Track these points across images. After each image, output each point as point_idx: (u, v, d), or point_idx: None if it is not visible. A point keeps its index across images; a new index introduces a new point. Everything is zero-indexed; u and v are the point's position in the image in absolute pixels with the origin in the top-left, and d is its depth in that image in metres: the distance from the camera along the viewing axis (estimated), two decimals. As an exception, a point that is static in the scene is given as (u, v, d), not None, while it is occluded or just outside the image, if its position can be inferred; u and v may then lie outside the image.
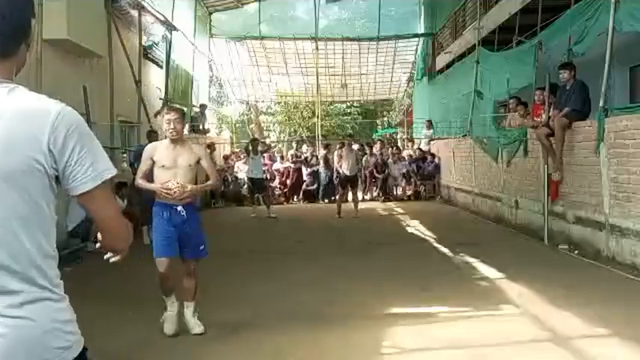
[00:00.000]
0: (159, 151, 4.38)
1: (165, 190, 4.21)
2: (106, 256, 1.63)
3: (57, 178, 1.39)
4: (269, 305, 5.22)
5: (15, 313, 1.32)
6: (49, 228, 1.40)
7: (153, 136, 10.28)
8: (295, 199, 15.59)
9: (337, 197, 12.41)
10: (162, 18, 13.00)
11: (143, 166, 4.45)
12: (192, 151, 4.43)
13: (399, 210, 13.37)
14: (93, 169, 1.39)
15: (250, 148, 12.97)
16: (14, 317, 1.31)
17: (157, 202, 4.37)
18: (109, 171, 1.43)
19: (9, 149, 1.31)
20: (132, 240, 1.59)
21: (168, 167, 4.30)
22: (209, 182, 4.64)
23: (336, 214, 11.71)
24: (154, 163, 4.38)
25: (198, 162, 4.45)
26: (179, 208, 4.31)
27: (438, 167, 15.55)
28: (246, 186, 13.92)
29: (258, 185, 12.63)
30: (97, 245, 1.59)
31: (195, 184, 4.46)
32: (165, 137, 4.48)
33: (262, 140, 17.63)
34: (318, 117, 22.38)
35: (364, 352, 4.01)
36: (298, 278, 6.30)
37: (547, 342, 4.14)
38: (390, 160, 15.81)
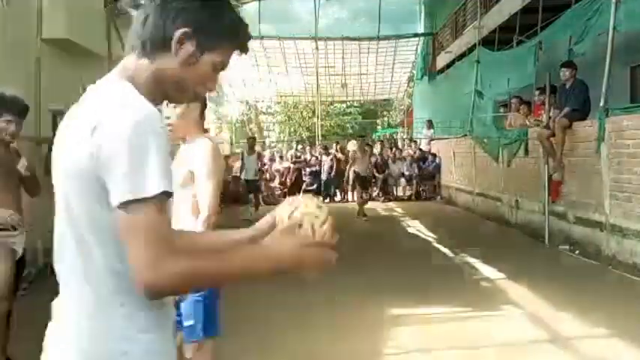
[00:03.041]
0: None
1: None
2: None
3: None
4: (267, 305, 5.20)
5: None
6: None
7: None
8: (294, 200, 15.56)
9: (356, 198, 12.20)
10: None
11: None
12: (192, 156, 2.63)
13: (399, 210, 13.36)
14: None
15: (247, 147, 12.99)
16: None
17: None
18: None
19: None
20: None
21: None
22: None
23: (361, 216, 11.47)
24: None
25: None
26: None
27: (438, 167, 15.53)
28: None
29: (252, 186, 12.60)
30: None
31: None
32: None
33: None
34: (318, 117, 22.38)
35: (364, 353, 4.00)
36: (296, 279, 6.28)
37: (547, 342, 4.13)
38: (390, 160, 15.81)
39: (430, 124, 17.11)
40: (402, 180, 15.63)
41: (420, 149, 16.52)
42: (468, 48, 14.64)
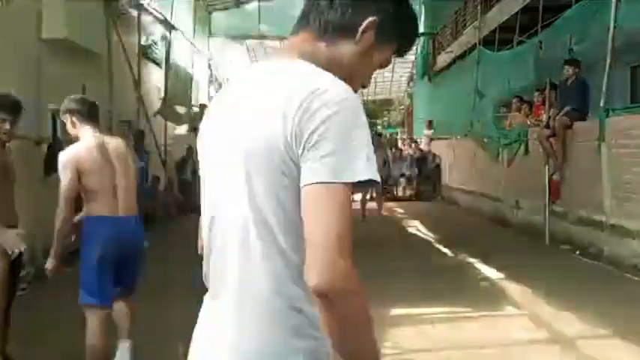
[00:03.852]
0: None
1: None
2: None
3: None
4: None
5: None
6: None
7: (139, 136, 10.32)
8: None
9: (361, 197, 11.17)
10: (161, 17, 12.98)
11: None
12: None
13: (400, 210, 13.35)
14: None
15: None
16: None
17: None
18: None
19: None
20: None
21: None
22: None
23: (361, 216, 10.53)
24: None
25: None
26: None
27: (438, 167, 15.53)
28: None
29: None
30: None
31: None
32: None
33: None
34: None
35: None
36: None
37: (547, 342, 4.13)
38: (390, 160, 15.81)
39: (430, 124, 17.11)
40: (402, 180, 15.62)
41: (421, 150, 16.52)
42: (468, 48, 14.64)
